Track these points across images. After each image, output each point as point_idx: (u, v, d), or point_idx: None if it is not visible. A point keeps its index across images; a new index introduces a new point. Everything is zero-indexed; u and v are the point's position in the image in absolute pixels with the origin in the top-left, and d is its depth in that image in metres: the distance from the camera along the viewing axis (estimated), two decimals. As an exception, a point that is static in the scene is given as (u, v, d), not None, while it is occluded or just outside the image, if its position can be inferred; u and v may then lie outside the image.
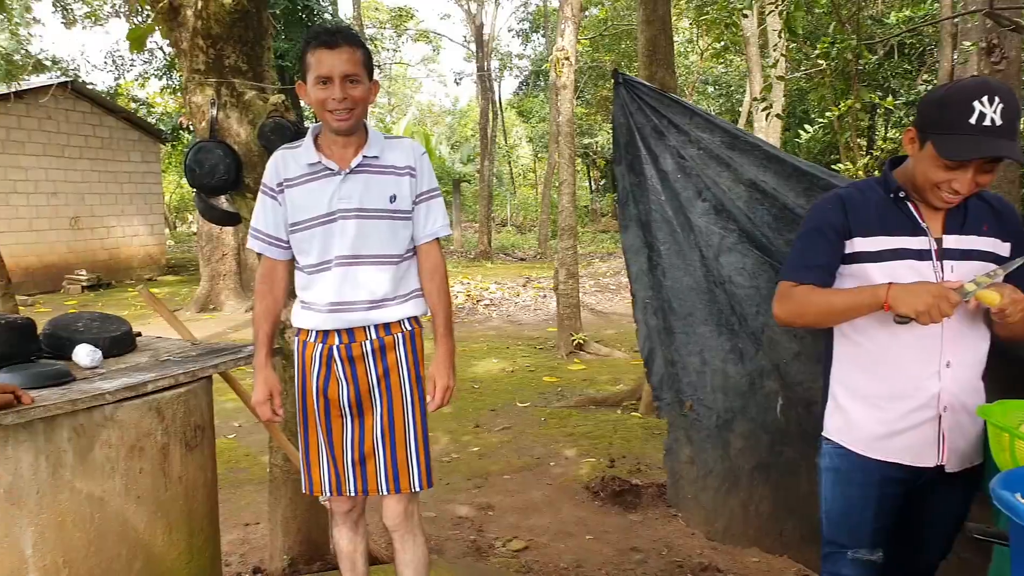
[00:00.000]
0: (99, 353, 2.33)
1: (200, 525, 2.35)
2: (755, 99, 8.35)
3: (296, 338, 2.39)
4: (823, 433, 2.04)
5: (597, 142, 27.18)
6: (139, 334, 2.71)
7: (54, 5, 16.97)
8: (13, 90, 14.26)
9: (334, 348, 2.29)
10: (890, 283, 1.79)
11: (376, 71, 2.38)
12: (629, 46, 20.99)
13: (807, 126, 6.54)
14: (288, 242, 2.34)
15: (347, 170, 2.25)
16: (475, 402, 6.53)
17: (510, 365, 8.11)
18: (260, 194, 2.36)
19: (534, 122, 31.38)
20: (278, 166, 2.32)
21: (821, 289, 1.92)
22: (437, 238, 2.39)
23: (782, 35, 6.12)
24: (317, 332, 2.31)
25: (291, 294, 2.43)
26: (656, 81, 5.33)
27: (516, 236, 28.14)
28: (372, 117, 35.35)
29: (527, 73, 31.06)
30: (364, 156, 2.26)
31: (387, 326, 2.32)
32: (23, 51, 16.37)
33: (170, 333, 2.94)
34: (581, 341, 8.51)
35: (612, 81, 2.68)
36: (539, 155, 33.80)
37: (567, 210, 8.54)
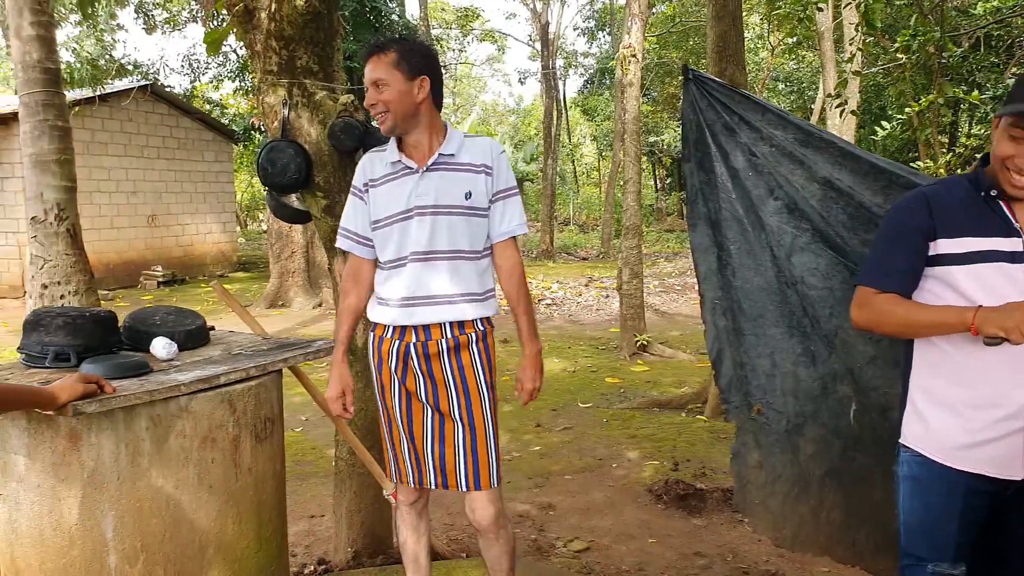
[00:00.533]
0: (175, 346, 2.39)
1: (269, 516, 2.39)
2: (829, 96, 8.12)
3: (372, 333, 2.46)
4: (901, 440, 1.96)
5: (663, 140, 26.85)
6: (212, 328, 2.78)
7: (136, 12, 17.61)
8: (98, 94, 14.85)
9: (411, 345, 2.35)
10: (979, 306, 1.71)
11: (441, 71, 2.41)
12: (697, 43, 20.70)
13: (884, 123, 6.32)
14: (373, 241, 2.43)
15: (424, 168, 2.32)
16: (536, 401, 6.49)
17: (572, 365, 8.07)
18: (350, 194, 2.47)
19: (599, 120, 31.18)
20: (365, 167, 2.44)
21: (904, 301, 1.85)
22: (514, 237, 2.40)
23: (859, 29, 5.93)
24: (394, 328, 2.38)
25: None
26: (726, 78, 5.23)
27: (579, 235, 28.02)
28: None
29: (592, 71, 30.90)
30: (440, 154, 2.33)
31: (461, 325, 2.35)
32: (107, 56, 17.02)
33: (242, 328, 3.01)
34: (645, 342, 8.41)
35: (679, 78, 2.65)
36: (603, 153, 33.58)
37: (632, 209, 8.46)
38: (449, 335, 2.34)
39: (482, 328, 2.40)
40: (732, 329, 2.55)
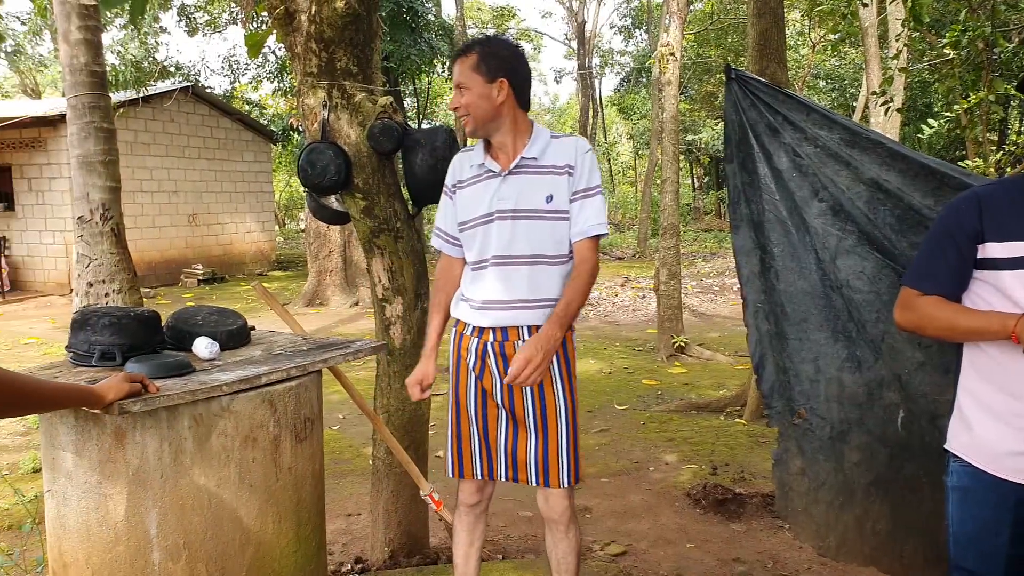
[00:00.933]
0: (216, 346, 2.42)
1: (308, 515, 2.41)
2: (873, 93, 7.96)
3: (454, 328, 2.51)
4: (947, 447, 1.91)
5: (701, 139, 26.61)
6: (253, 328, 2.81)
7: (179, 15, 17.92)
8: (141, 95, 15.14)
9: (489, 344, 2.37)
10: (1022, 313, 1.66)
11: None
12: (736, 40, 20.47)
13: (930, 120, 6.17)
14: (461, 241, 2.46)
15: (506, 171, 2.33)
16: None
17: (607, 366, 8.03)
18: (442, 194, 2.52)
19: (635, 119, 31.00)
20: (455, 168, 2.48)
21: (947, 304, 1.80)
22: (590, 237, 2.32)
23: (906, 24, 5.80)
24: (473, 327, 2.41)
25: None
26: (767, 76, 5.16)
27: (614, 234, 27.87)
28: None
29: (629, 69, 30.74)
30: (523, 157, 2.33)
31: (540, 327, 2.31)
32: (151, 59, 17.35)
33: (281, 327, 3.04)
34: (682, 344, 8.34)
35: (717, 76, 2.64)
36: (640, 152, 33.38)
37: (670, 208, 8.39)
38: (527, 337, 2.33)
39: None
40: (775, 333, 2.50)
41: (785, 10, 5.36)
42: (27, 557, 3.41)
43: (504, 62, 2.31)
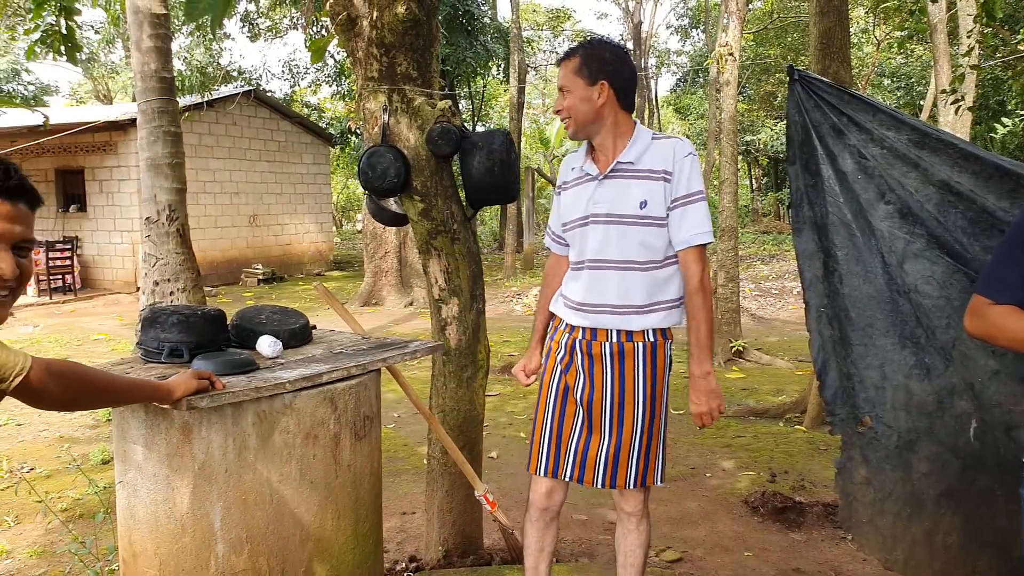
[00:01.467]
0: (279, 344, 2.47)
1: (366, 512, 2.44)
2: (943, 91, 7.72)
3: (552, 322, 2.58)
4: (1024, 459, 1.84)
5: (759, 139, 26.17)
6: (314, 327, 2.86)
7: (242, 21, 18.37)
8: (205, 99, 15.58)
9: (578, 341, 2.41)
10: None
11: (532, 72, 2.41)
12: (796, 39, 20.09)
13: (1004, 119, 5.95)
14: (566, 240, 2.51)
15: (603, 175, 2.34)
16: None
17: (664, 369, 7.95)
18: (554, 193, 2.59)
19: (692, 119, 30.66)
20: (562, 170, 2.54)
21: (1020, 314, 1.72)
22: (695, 246, 2.29)
23: (978, 20, 5.61)
24: (566, 323, 2.46)
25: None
26: (830, 75, 5.04)
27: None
28: (527, 119, 35.80)
29: (686, 69, 30.43)
30: (619, 161, 2.32)
31: (629, 333, 2.34)
32: (215, 64, 17.83)
33: (340, 326, 3.08)
34: (740, 348, 8.21)
35: (776, 76, 2.58)
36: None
37: (728, 210, 8.27)
38: (615, 339, 2.35)
39: (653, 339, 2.37)
40: (839, 339, 2.45)
41: (848, 7, 5.23)
42: (99, 545, 3.53)
43: (605, 64, 2.30)
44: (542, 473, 2.51)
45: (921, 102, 17.31)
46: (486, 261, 20.59)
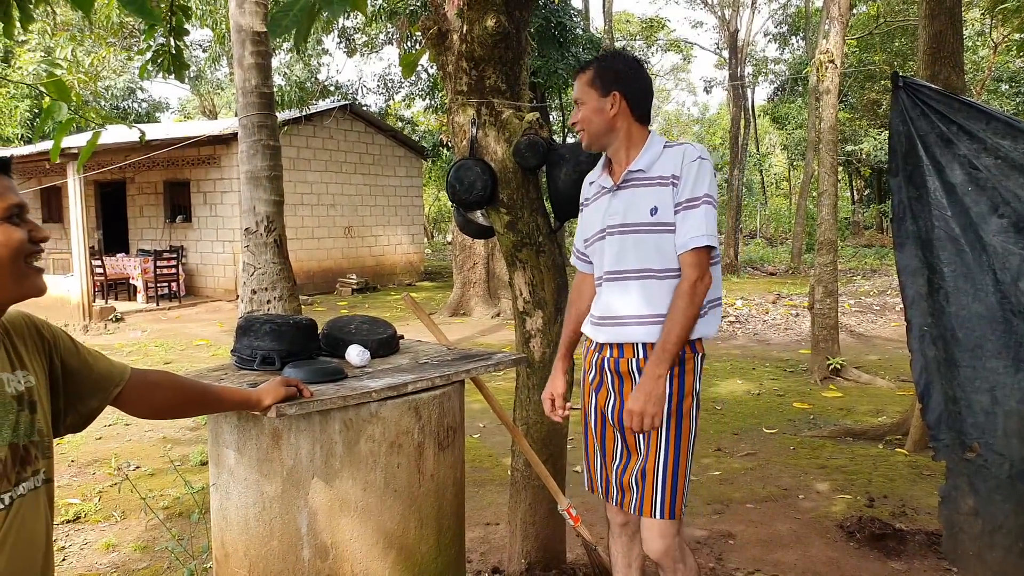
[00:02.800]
0: (368, 353, 2.51)
1: (448, 522, 2.45)
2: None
3: (584, 342, 2.57)
4: None
5: (861, 149, 25.21)
6: (402, 337, 2.90)
7: (339, 36, 18.96)
8: (303, 113, 16.14)
9: (605, 360, 2.39)
10: None
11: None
12: (903, 44, 19.29)
13: None
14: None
15: (616, 186, 2.34)
16: (717, 424, 6.28)
17: (756, 387, 7.72)
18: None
19: (790, 128, 29.81)
20: (584, 187, 2.54)
21: None
22: (691, 250, 2.20)
23: (1102, 22, 5.24)
24: (595, 342, 2.44)
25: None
26: (940, 81, 4.81)
27: (766, 249, 26.85)
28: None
29: (784, 78, 29.64)
30: (630, 171, 2.31)
31: (654, 344, 2.28)
32: (313, 79, 18.46)
33: (427, 336, 3.12)
34: (838, 366, 7.89)
35: (881, 83, 2.46)
36: (795, 163, 32.05)
37: (827, 222, 7.97)
38: (641, 354, 2.30)
39: (680, 353, 2.28)
40: (944, 360, 2.31)
41: (962, 8, 4.98)
42: (194, 544, 3.67)
43: (618, 75, 2.32)
44: (598, 493, 2.50)
45: (1040, 109, 16.34)
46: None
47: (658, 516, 2.30)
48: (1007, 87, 20.72)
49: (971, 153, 2.26)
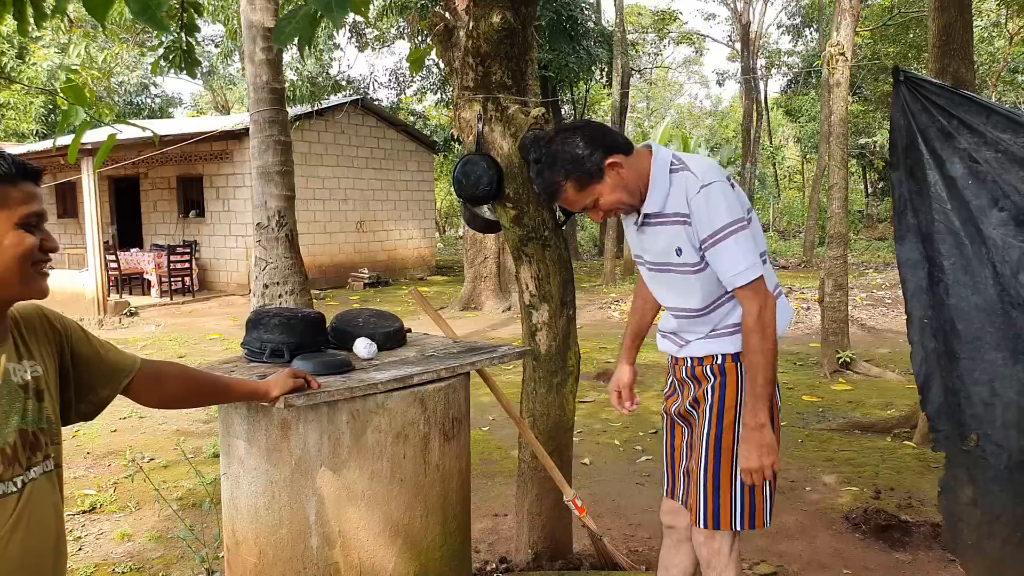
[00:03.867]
0: (375, 346, 2.56)
1: (454, 512, 2.49)
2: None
3: None
4: None
5: (875, 142, 25.08)
6: (409, 330, 2.94)
7: (350, 31, 19.02)
8: (315, 109, 16.21)
9: (674, 367, 2.42)
10: None
11: (636, 76, 2.33)
12: (918, 35, 19.15)
13: None
14: None
15: (638, 224, 2.27)
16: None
17: (766, 379, 7.72)
18: None
19: (803, 121, 29.66)
20: None
21: None
22: (739, 287, 2.09)
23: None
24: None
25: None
26: (949, 75, 4.80)
27: (778, 242, 26.75)
28: (631, 123, 35.47)
29: (797, 70, 29.49)
30: (645, 215, 2.19)
31: (701, 359, 2.28)
32: (324, 74, 18.53)
33: (436, 330, 3.16)
34: (848, 359, 7.88)
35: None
36: (808, 156, 31.89)
37: (837, 216, 7.96)
38: (689, 364, 2.32)
39: (720, 361, 2.23)
40: (944, 352, 2.33)
41: (972, 0, 4.96)
42: (206, 533, 3.74)
43: (589, 153, 2.12)
44: (664, 492, 2.52)
45: (1055, 100, 16.19)
46: (586, 267, 20.53)
47: (701, 525, 2.26)
48: (1023, 78, 20.53)
49: (971, 147, 2.27)
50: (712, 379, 2.23)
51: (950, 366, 2.32)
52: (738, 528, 2.23)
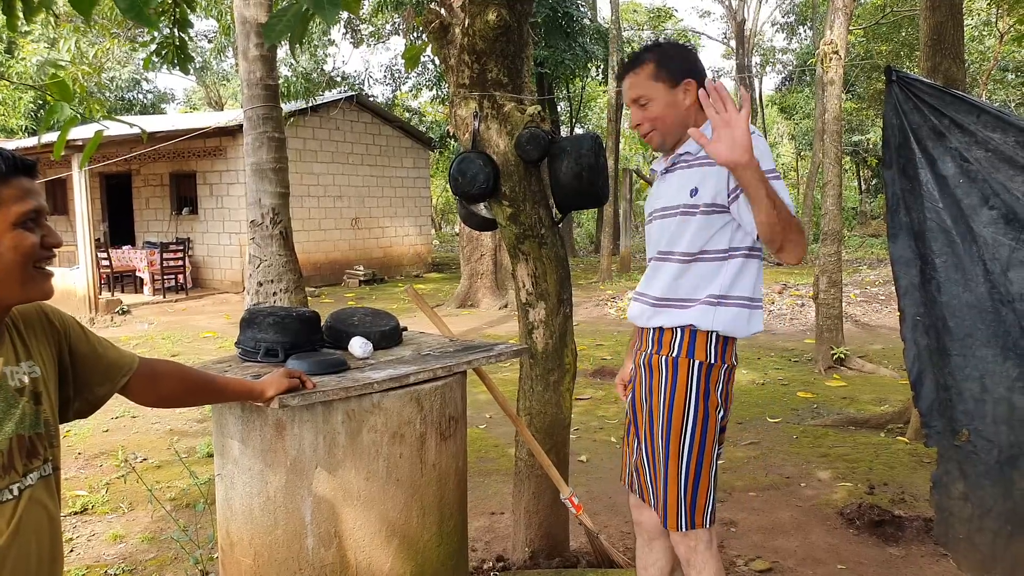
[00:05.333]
0: (370, 345, 2.55)
1: (450, 511, 2.49)
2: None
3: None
4: None
5: (868, 139, 25.12)
6: (405, 329, 2.94)
7: (345, 27, 18.97)
8: (309, 105, 16.17)
9: (636, 352, 2.38)
10: None
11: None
12: (911, 34, 19.20)
13: None
14: None
15: (662, 171, 2.28)
16: (721, 412, 6.30)
17: (760, 377, 7.75)
18: None
19: (798, 118, 29.70)
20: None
21: None
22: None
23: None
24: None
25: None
26: (940, 73, 4.82)
27: (773, 240, 26.66)
28: (626, 120, 35.50)
29: (791, 68, 29.54)
30: (677, 154, 2.20)
31: (659, 343, 2.20)
32: (319, 70, 18.48)
33: (432, 328, 3.16)
34: (842, 355, 7.91)
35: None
36: (802, 153, 31.94)
37: (831, 213, 7.99)
38: (650, 346, 2.25)
39: (676, 352, 2.17)
40: (936, 349, 2.35)
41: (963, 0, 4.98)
42: (200, 534, 3.74)
43: (684, 62, 2.16)
44: (624, 483, 2.49)
45: (1047, 97, 16.25)
46: (582, 264, 20.53)
47: (680, 529, 2.19)
48: (1013, 76, 20.63)
49: (962, 146, 2.29)
50: (664, 373, 2.18)
51: (942, 362, 2.34)
52: (708, 525, 2.19)
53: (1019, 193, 2.20)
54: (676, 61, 2.17)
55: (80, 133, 11.32)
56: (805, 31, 27.52)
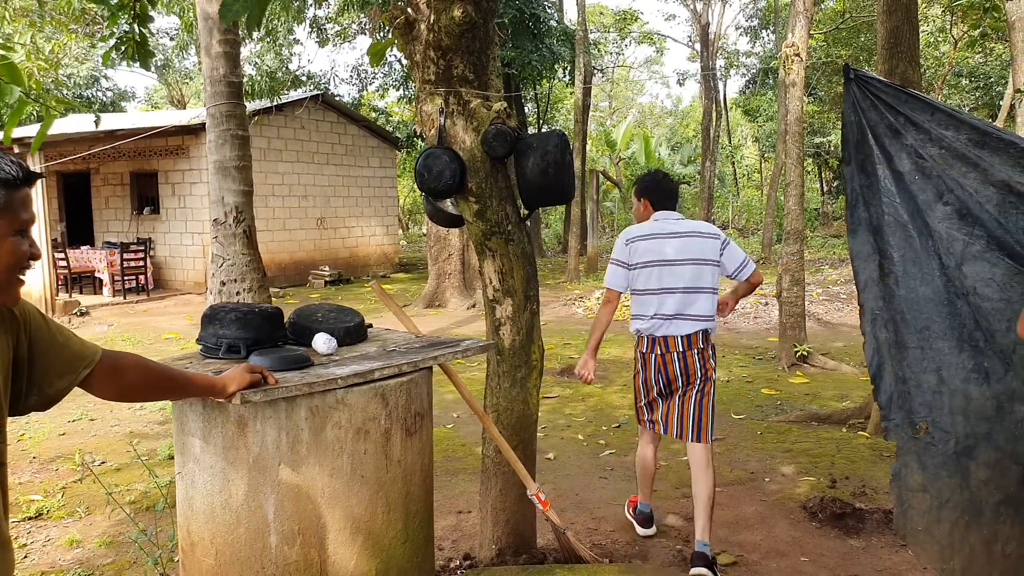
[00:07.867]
0: (334, 341, 2.53)
1: (416, 508, 2.48)
2: (1018, 91, 7.44)
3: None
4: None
5: (830, 141, 25.53)
6: (370, 325, 2.92)
7: (311, 26, 18.81)
8: (274, 104, 15.99)
9: (664, 352, 3.65)
10: None
11: (598, 74, 2.33)
12: (869, 39, 19.54)
13: (1084, 119, 5.69)
14: None
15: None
16: (687, 409, 6.36)
17: (725, 375, 7.83)
18: None
19: (761, 121, 30.09)
20: None
21: None
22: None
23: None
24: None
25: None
26: (897, 76, 4.92)
27: (738, 239, 27.03)
28: (593, 121, 35.63)
29: (755, 71, 29.91)
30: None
31: (705, 330, 3.63)
32: (284, 69, 18.30)
33: (398, 326, 3.15)
34: (805, 353, 8.03)
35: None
36: (766, 155, 32.36)
37: (794, 213, 8.11)
38: (689, 338, 3.61)
39: (710, 337, 3.68)
40: (894, 342, 2.39)
41: (924, 5, 5.10)
42: (161, 536, 3.67)
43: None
44: (652, 432, 3.84)
45: (1000, 102, 16.64)
46: (550, 264, 20.58)
47: (705, 440, 3.52)
48: (967, 81, 21.10)
49: (917, 143, 2.33)
50: (704, 347, 3.57)
51: (900, 355, 2.38)
52: (711, 440, 3.54)
53: (972, 189, 2.25)
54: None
55: (35, 131, 11.08)
56: (768, 35, 27.89)
